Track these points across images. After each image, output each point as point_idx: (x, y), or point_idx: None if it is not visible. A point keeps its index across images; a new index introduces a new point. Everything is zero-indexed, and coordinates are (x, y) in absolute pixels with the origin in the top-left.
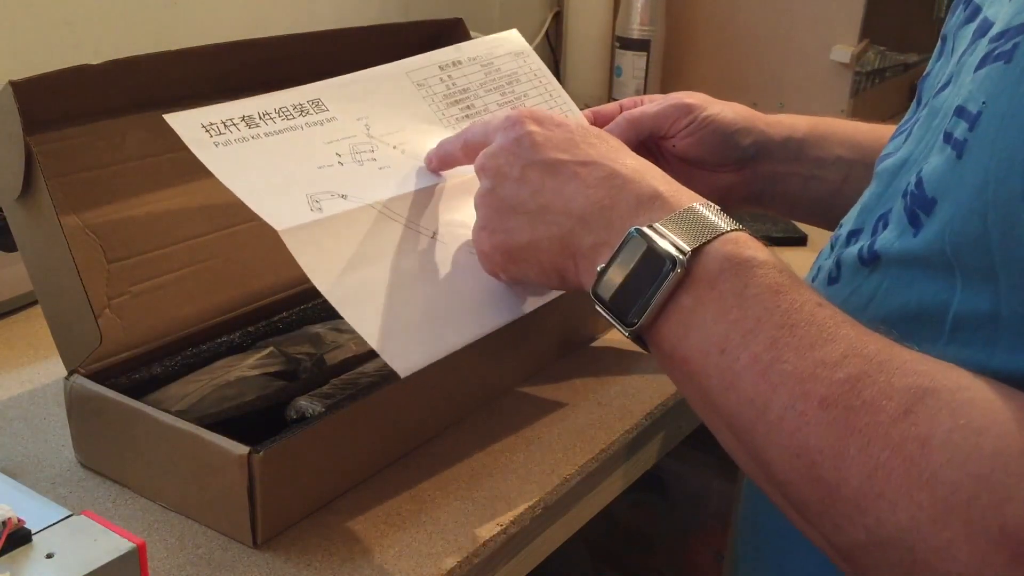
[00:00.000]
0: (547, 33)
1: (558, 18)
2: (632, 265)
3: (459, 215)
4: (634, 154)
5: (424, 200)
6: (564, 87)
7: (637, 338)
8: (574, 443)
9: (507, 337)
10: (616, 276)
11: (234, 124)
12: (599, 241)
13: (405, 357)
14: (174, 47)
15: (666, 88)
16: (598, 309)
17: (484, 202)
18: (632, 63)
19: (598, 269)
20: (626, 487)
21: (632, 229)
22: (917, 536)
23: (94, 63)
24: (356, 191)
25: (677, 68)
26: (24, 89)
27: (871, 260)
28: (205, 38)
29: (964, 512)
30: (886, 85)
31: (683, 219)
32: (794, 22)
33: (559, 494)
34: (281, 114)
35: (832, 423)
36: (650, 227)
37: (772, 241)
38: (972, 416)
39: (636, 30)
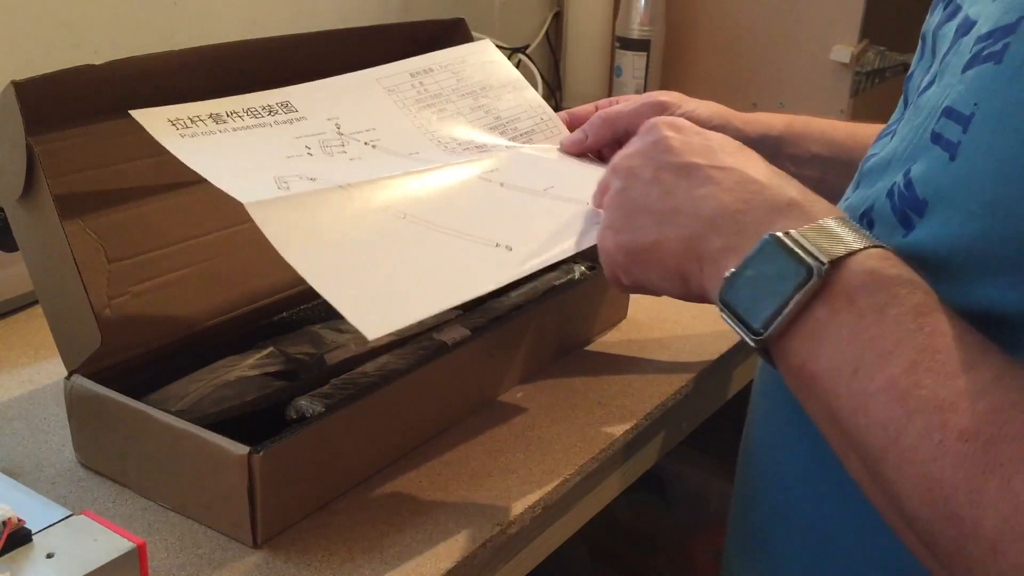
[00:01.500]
0: (547, 33)
1: (558, 18)
2: (765, 272)
3: (432, 200)
4: (772, 166)
5: (396, 185)
6: (564, 87)
7: (763, 351)
8: (574, 443)
9: (506, 337)
10: (746, 283)
11: (201, 120)
12: (728, 246)
13: (372, 319)
14: (174, 47)
15: (666, 88)
16: (723, 317)
17: (613, 202)
18: (632, 63)
19: (726, 275)
20: (626, 487)
21: (767, 235)
22: None
23: (95, 63)
24: (325, 175)
25: (677, 68)
26: (26, 89)
27: None
28: (205, 38)
29: None
30: (886, 85)
31: (822, 230)
32: (794, 22)
33: (559, 494)
34: (249, 113)
35: (971, 456)
36: (787, 234)
37: None
38: None
39: (636, 30)
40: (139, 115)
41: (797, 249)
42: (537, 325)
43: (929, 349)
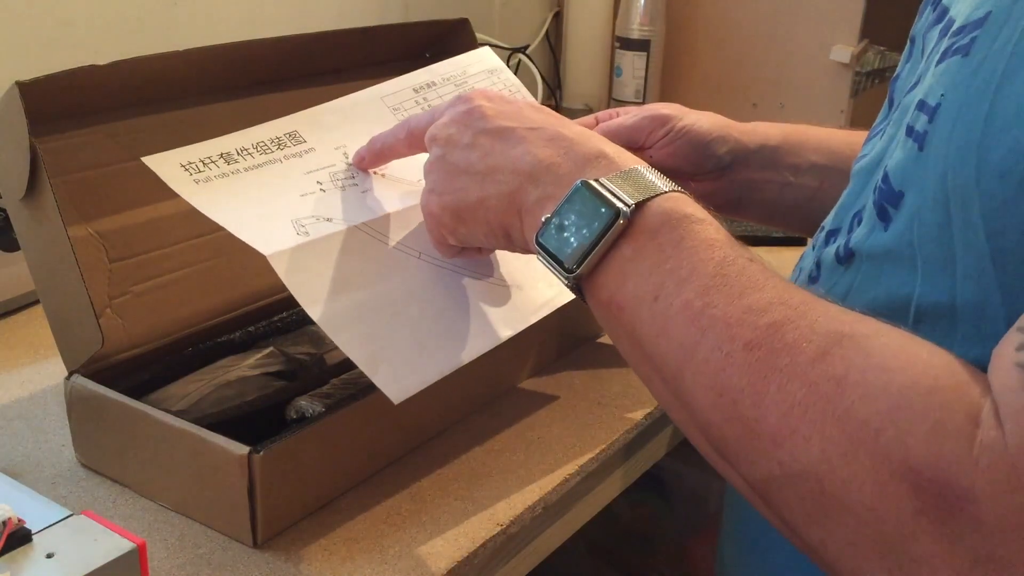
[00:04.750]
0: (547, 33)
1: (558, 18)
2: (577, 215)
3: None
4: (579, 126)
5: (410, 221)
6: (564, 87)
7: (575, 287)
8: (574, 443)
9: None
10: (560, 225)
11: (212, 161)
12: (545, 195)
13: (397, 383)
14: (175, 47)
15: (666, 88)
16: (540, 260)
17: (434, 168)
18: (632, 63)
19: (543, 219)
20: (626, 487)
21: (579, 181)
22: (827, 469)
23: (96, 63)
24: (341, 214)
25: (677, 68)
26: (30, 89)
27: (847, 257)
28: (206, 38)
29: (871, 446)
30: (886, 85)
31: (627, 177)
32: (794, 22)
33: (559, 494)
34: (259, 148)
35: (755, 364)
36: (596, 180)
37: (772, 241)
38: (885, 357)
39: (636, 30)
40: (151, 162)
41: (606, 193)
42: (537, 326)
43: (720, 275)
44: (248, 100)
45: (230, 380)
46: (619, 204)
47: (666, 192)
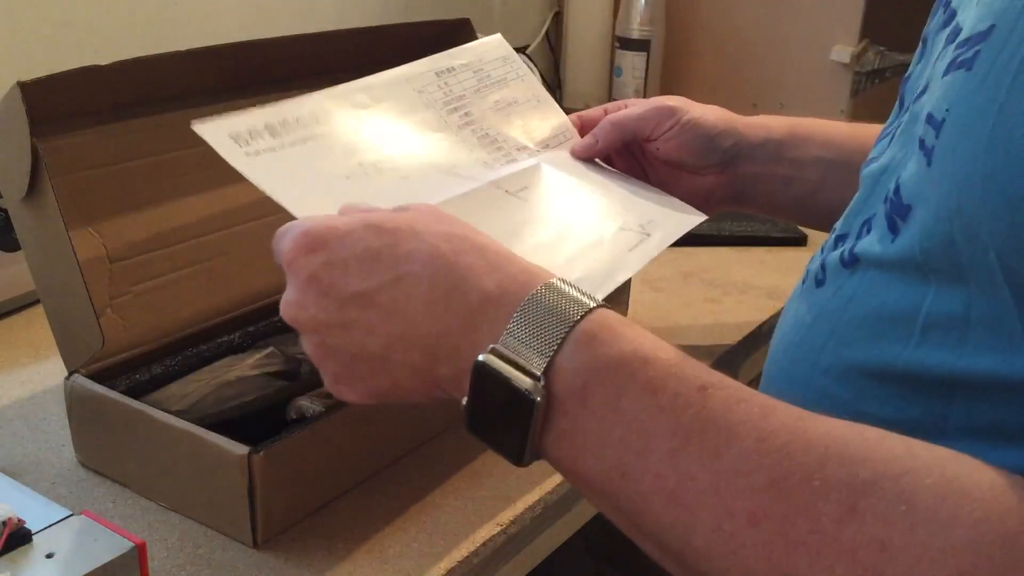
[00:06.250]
0: (547, 33)
1: (558, 18)
2: (490, 401)
3: (488, 222)
4: (445, 225)
5: (448, 210)
6: (564, 87)
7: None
8: None
9: None
10: (481, 414)
11: (259, 133)
12: (454, 371)
13: None
14: (174, 47)
15: (666, 88)
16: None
17: (324, 356)
18: (632, 63)
19: (462, 405)
20: None
21: (476, 361)
22: None
23: (96, 63)
24: (381, 202)
25: (677, 68)
26: (31, 90)
27: (851, 262)
28: (205, 38)
29: None
30: (886, 85)
31: (525, 322)
32: (794, 22)
33: (559, 494)
34: (300, 123)
35: (768, 542)
36: (494, 351)
37: (772, 242)
38: (929, 505)
39: (636, 30)
40: (200, 129)
41: (507, 371)
42: None
43: (681, 432)
44: (248, 100)
45: (230, 380)
46: (526, 382)
47: (575, 325)
